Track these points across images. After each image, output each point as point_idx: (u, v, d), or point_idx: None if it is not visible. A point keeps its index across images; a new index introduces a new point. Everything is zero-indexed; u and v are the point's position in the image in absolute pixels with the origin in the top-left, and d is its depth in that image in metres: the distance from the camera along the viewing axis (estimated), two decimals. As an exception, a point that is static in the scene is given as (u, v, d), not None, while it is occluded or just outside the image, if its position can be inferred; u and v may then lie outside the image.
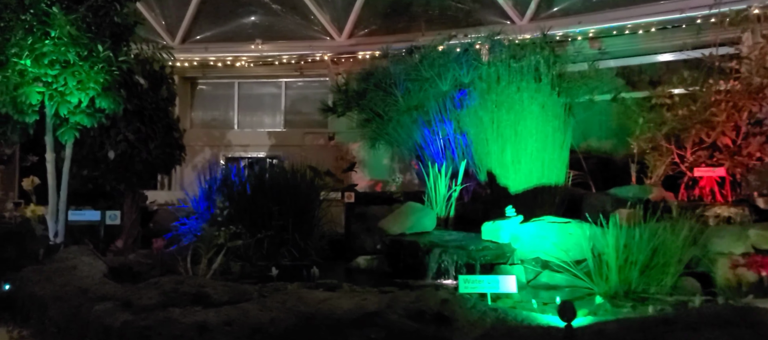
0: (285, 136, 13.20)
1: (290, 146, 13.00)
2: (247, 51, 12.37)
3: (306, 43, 12.39)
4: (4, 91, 6.10)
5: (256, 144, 13.19)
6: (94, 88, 6.40)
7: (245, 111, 13.65)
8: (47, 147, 6.89)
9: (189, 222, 6.60)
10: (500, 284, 3.50)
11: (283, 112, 13.49)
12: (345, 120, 12.84)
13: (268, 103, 13.67)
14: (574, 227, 4.73)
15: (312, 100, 13.59)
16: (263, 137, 13.22)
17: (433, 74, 7.72)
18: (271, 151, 13.23)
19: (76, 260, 4.70)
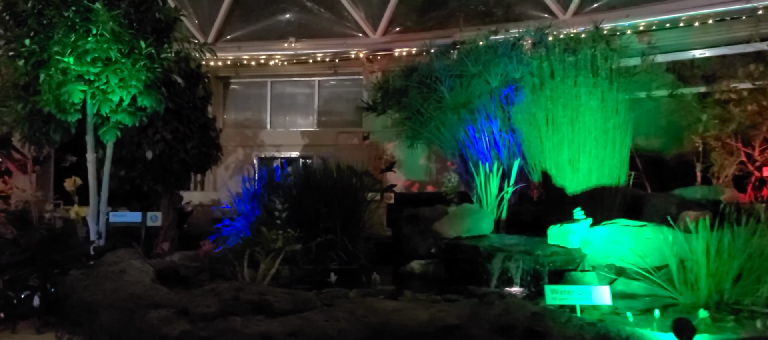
0: (318, 135, 12.99)
1: (323, 146, 12.79)
2: (280, 49, 12.19)
3: (340, 41, 12.16)
4: (46, 89, 5.96)
5: (289, 144, 13.01)
6: (136, 85, 6.23)
7: (278, 110, 13.48)
8: (88, 147, 6.76)
9: (233, 223, 6.39)
10: (593, 295, 3.17)
11: (316, 112, 13.28)
12: (380, 119, 12.60)
13: (301, 103, 13.49)
14: (651, 231, 4.37)
15: (345, 99, 13.37)
16: (296, 137, 13.03)
17: (480, 70, 7.40)
18: (304, 151, 13.04)
19: (124, 263, 4.50)
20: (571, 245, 4.72)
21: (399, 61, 12.04)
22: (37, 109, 6.16)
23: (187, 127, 8.81)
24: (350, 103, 13.18)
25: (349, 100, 13.23)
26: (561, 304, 3.13)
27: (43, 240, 4.83)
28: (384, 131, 12.34)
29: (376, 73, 12.49)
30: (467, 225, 5.29)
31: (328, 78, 13.17)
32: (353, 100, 13.14)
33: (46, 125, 6.29)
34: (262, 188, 6.14)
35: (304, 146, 12.98)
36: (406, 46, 11.46)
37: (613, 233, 4.46)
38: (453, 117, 7.94)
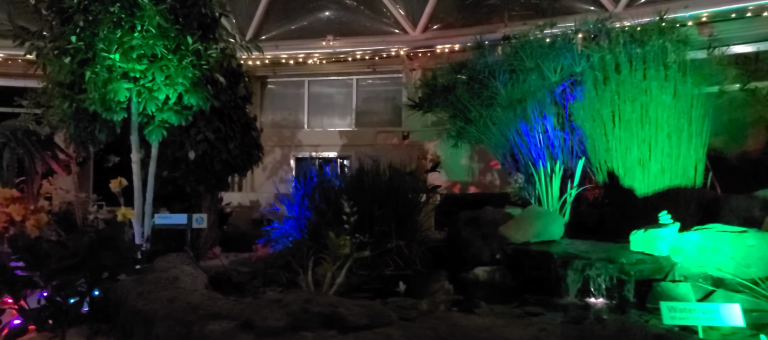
0: (356, 135, 12.71)
1: (362, 146, 12.51)
2: (319, 48, 11.96)
3: (379, 39, 11.86)
4: (92, 88, 5.80)
5: (327, 144, 12.77)
6: (183, 83, 6.03)
7: (315, 110, 13.26)
8: (133, 147, 6.60)
9: (281, 226, 6.13)
10: (721, 314, 2.76)
11: (354, 111, 13.00)
12: (420, 118, 12.25)
13: (338, 102, 13.24)
14: (754, 237, 3.91)
15: (384, 98, 13.07)
16: (334, 137, 12.79)
17: (537, 64, 6.99)
18: (343, 152, 12.78)
19: (176, 269, 4.26)
20: (658, 252, 4.29)
21: (440, 58, 11.69)
22: (82, 108, 6.02)
23: (229, 126, 8.62)
24: (389, 102, 12.88)
25: (387, 98, 12.92)
26: (681, 324, 2.74)
27: (92, 243, 4.62)
28: (424, 130, 12.00)
29: (417, 71, 12.17)
30: (536, 229, 4.90)
31: (366, 76, 12.88)
32: (392, 98, 12.84)
33: (91, 125, 6.14)
34: (312, 189, 5.85)
35: (342, 146, 12.72)
36: (449, 43, 11.09)
37: (709, 239, 4.02)
38: (506, 114, 7.54)
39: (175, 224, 6.59)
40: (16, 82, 12.06)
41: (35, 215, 4.71)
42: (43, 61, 6.05)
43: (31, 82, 12.42)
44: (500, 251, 4.96)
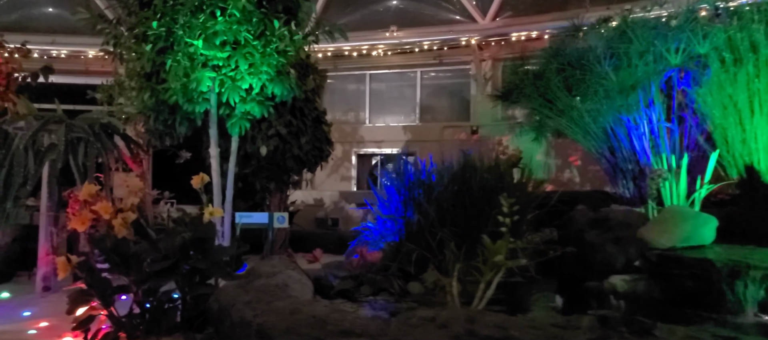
0: (421, 130, 12.13)
1: (427, 141, 11.93)
2: (383, 39, 11.43)
3: (447, 28, 11.24)
4: (173, 77, 5.42)
5: (390, 140, 12.24)
6: (267, 72, 5.59)
7: (377, 105, 12.74)
8: (211, 141, 6.22)
9: (375, 227, 5.60)
10: None
11: (419, 105, 12.42)
12: (490, 111, 11.58)
13: (401, 96, 12.68)
14: None
15: (450, 90, 12.45)
16: (397, 132, 12.24)
17: (650, 46, 6.24)
18: (407, 147, 12.22)
19: (282, 275, 3.78)
20: None
21: (513, 47, 11.00)
22: (161, 100, 5.66)
23: (300, 120, 8.20)
24: (456, 95, 12.25)
25: (454, 91, 12.30)
26: None
27: (184, 245, 4.18)
28: (495, 125, 11.34)
29: (487, 62, 11.51)
30: (685, 232, 4.21)
31: (430, 68, 12.28)
32: (459, 91, 12.21)
33: (171, 117, 5.78)
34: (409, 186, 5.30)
35: (406, 142, 12.17)
36: (525, 30, 10.38)
37: None
38: (613, 102, 6.82)
39: (257, 223, 6.19)
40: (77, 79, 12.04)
41: (122, 214, 4.31)
42: (122, 51, 5.73)
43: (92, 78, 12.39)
44: (640, 258, 4.30)
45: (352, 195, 11.69)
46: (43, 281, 5.92)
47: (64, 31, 12.17)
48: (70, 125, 5.66)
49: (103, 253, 4.44)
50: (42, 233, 5.98)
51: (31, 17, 12.67)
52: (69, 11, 12.35)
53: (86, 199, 4.94)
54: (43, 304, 5.54)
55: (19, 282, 6.88)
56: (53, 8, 12.32)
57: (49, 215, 5.95)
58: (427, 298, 4.09)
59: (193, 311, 4.17)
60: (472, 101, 11.73)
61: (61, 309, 5.58)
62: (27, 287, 6.42)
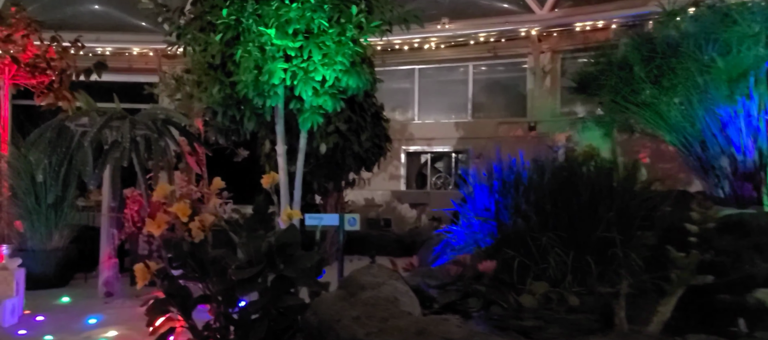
0: (474, 127, 11.61)
1: (481, 138, 11.39)
2: (434, 32, 10.95)
3: (502, 19, 10.69)
4: (245, 70, 5.05)
5: (441, 137, 11.75)
6: (342, 62, 5.18)
7: (426, 100, 12.26)
8: (278, 137, 5.85)
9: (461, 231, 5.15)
10: None
11: (471, 100, 11.91)
12: (548, 106, 11.02)
13: (452, 91, 12.18)
14: None
15: (504, 84, 11.91)
16: (448, 129, 11.74)
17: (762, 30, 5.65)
18: (459, 145, 11.73)
19: (388, 286, 3.34)
20: None
21: (574, 38, 10.42)
22: (228, 94, 5.30)
23: (360, 116, 7.80)
24: (511, 89, 11.71)
25: (509, 86, 11.75)
26: None
27: (270, 251, 3.80)
28: (554, 120, 10.76)
29: (545, 54, 10.93)
30: None
31: (483, 62, 11.75)
32: (514, 85, 11.66)
33: (239, 112, 5.41)
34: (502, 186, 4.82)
35: (458, 139, 11.67)
36: (590, 19, 9.77)
37: None
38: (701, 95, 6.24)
39: (327, 225, 5.79)
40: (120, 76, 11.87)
41: (200, 216, 3.95)
42: (187, 42, 5.38)
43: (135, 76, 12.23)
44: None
45: (405, 195, 11.25)
46: (105, 286, 5.63)
47: (108, 29, 12.03)
48: (133, 121, 5.35)
49: (180, 259, 4.07)
50: (103, 235, 5.69)
51: (75, 14, 12.55)
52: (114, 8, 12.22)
53: (160, 199, 4.58)
54: (108, 311, 5.25)
55: (76, 286, 6.63)
56: (98, 5, 12.18)
57: (111, 217, 5.65)
58: (546, 313, 3.61)
59: (279, 324, 3.79)
60: (529, 96, 11.17)
61: (127, 316, 5.28)
62: (86, 292, 6.16)
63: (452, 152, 12.07)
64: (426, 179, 12.23)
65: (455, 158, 12.20)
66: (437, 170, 12.35)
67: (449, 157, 12.27)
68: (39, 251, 6.34)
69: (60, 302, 5.75)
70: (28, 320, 4.94)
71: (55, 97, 7.38)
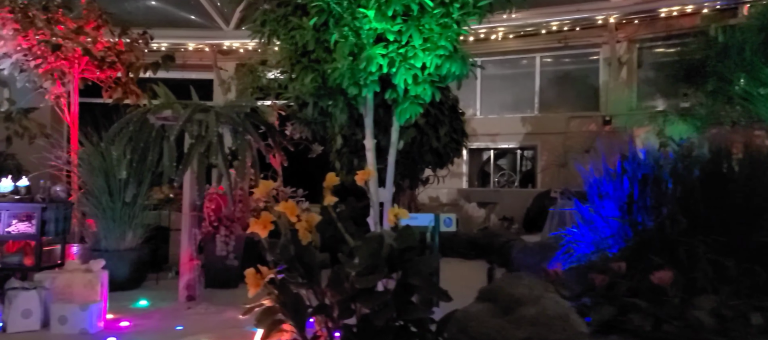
0: (541, 121, 11.00)
1: (549, 134, 10.81)
2: (502, 21, 10.36)
3: (575, 7, 10.04)
4: (341, 56, 4.62)
5: (506, 133, 11.18)
6: (445, 47, 4.71)
7: (489, 95, 11.70)
8: (366, 131, 5.40)
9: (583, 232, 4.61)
10: None
11: (538, 94, 11.29)
12: (625, 100, 10.34)
13: (517, 84, 11.59)
14: None
15: (575, 77, 11.26)
16: (514, 124, 11.15)
17: None
18: (525, 141, 11.14)
19: (547, 300, 2.86)
20: None
21: (655, 26, 9.72)
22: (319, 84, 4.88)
23: (438, 109, 7.32)
24: (582, 81, 11.05)
25: (580, 78, 11.10)
26: None
27: (392, 255, 3.36)
28: (631, 114, 10.08)
29: (622, 43, 10.25)
30: None
31: (552, 53, 11.12)
32: (586, 77, 11.00)
33: (332, 103, 5.00)
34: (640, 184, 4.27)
35: (524, 135, 11.08)
36: (678, 4, 9.05)
37: None
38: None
39: (421, 226, 5.33)
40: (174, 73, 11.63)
41: (307, 216, 3.54)
42: (271, 30, 4.99)
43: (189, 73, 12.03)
44: None
45: (473, 193, 10.73)
46: (186, 289, 5.30)
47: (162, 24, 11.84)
48: (218, 114, 5.00)
49: (286, 262, 3.67)
50: (184, 235, 5.36)
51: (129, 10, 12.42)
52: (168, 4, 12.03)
53: (262, 198, 4.17)
54: (192, 317, 4.91)
55: (149, 287, 6.36)
56: (154, 1, 12.00)
57: (193, 216, 5.32)
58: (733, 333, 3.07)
59: (402, 338, 3.34)
60: (603, 88, 10.51)
61: (215, 323, 4.93)
62: (162, 294, 5.86)
63: (517, 149, 11.49)
64: (488, 177, 11.69)
65: (520, 155, 11.62)
66: (500, 167, 11.80)
67: (513, 153, 11.69)
68: (112, 252, 6.08)
69: (138, 305, 5.46)
70: (114, 326, 4.64)
71: (123, 91, 7.13)
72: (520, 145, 11.29)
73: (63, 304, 4.43)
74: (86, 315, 4.41)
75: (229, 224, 6.23)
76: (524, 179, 11.49)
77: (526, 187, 11.34)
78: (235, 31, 11.69)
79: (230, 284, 6.38)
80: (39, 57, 6.49)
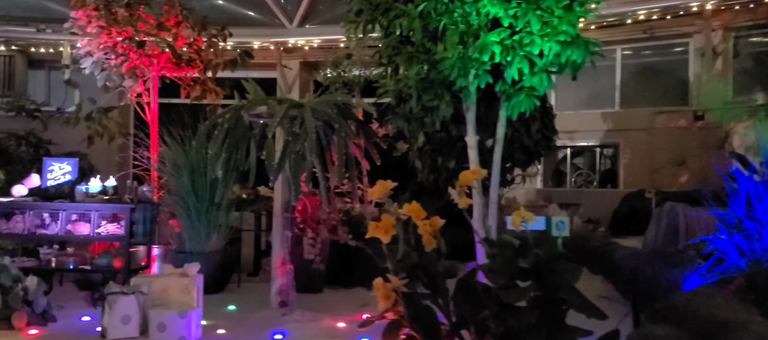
0: (623, 117, 10.31)
1: (632, 130, 10.12)
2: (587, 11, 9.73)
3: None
4: (451, 45, 4.24)
5: (583, 130, 10.53)
6: (566, 32, 4.26)
7: (565, 90, 11.05)
8: (468, 126, 5.02)
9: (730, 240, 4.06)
10: None
11: (619, 88, 10.61)
12: (719, 92, 9.55)
13: (595, 78, 10.91)
14: None
15: (660, 69, 10.52)
16: (593, 121, 10.49)
17: None
18: (605, 138, 10.48)
19: (761, 324, 2.39)
20: None
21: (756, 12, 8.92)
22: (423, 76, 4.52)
23: (530, 104, 6.83)
24: (670, 74, 10.31)
25: (667, 70, 10.36)
26: None
27: (537, 264, 2.92)
28: (725, 108, 9.29)
29: (717, 32, 9.48)
30: None
31: (635, 44, 10.41)
32: (674, 70, 10.26)
33: (437, 97, 4.62)
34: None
35: (605, 132, 10.42)
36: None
37: None
38: None
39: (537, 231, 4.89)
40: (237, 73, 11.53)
41: (431, 219, 3.15)
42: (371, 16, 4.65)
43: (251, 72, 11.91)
44: None
45: (553, 193, 10.17)
46: (279, 294, 5.03)
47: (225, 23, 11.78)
48: (313, 110, 4.70)
49: (409, 272, 3.29)
50: (276, 237, 5.10)
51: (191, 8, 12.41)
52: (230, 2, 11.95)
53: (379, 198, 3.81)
54: (290, 325, 4.62)
55: (232, 291, 6.15)
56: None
57: (285, 217, 5.05)
58: None
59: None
60: (694, 81, 9.76)
61: (314, 332, 4.63)
62: (249, 299, 5.62)
63: (597, 147, 10.84)
64: (564, 177, 11.08)
65: (599, 153, 10.97)
66: (576, 166, 11.17)
67: (591, 152, 11.04)
68: (197, 254, 5.88)
69: (228, 310, 5.23)
70: (211, 334, 4.40)
71: (203, 89, 6.98)
72: (599, 143, 10.64)
73: (161, 310, 4.22)
74: (185, 322, 4.18)
75: (315, 226, 5.94)
76: (603, 179, 10.82)
77: (605, 187, 10.68)
78: (299, 29, 11.51)
79: (315, 288, 6.11)
80: (121, 55, 6.38)
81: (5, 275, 4.50)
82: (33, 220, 5.40)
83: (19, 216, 5.40)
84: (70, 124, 7.19)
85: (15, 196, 5.48)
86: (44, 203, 5.40)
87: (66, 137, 8.92)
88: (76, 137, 8.02)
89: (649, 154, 9.82)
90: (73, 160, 5.75)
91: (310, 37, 11.37)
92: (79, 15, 6.18)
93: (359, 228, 6.53)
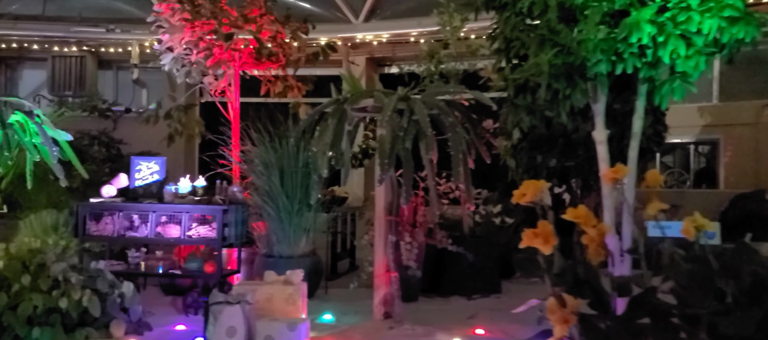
0: (724, 112, 9.42)
1: (735, 126, 9.22)
2: None
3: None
4: (592, 26, 3.69)
5: (678, 125, 9.63)
6: (734, 6, 3.64)
7: (654, 82, 10.27)
8: (596, 120, 4.45)
9: None
10: None
11: (717, 80, 9.71)
12: None
13: (687, 69, 10.07)
14: None
15: (765, 58, 9.58)
16: (688, 115, 9.59)
17: None
18: (702, 134, 9.62)
19: None
20: None
21: None
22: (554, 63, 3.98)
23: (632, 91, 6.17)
24: (779, 62, 9.36)
25: (775, 58, 9.41)
26: None
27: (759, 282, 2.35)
28: None
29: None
30: None
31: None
32: (783, 58, 9.30)
33: (569, 85, 4.08)
34: None
35: (702, 128, 9.56)
36: None
37: None
38: None
39: (674, 237, 4.28)
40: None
41: (599, 226, 2.63)
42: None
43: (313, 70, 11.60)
44: None
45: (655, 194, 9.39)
46: (383, 305, 4.60)
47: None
48: (425, 102, 4.24)
49: (572, 288, 2.76)
50: (379, 242, 4.68)
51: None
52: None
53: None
54: (399, 339, 4.19)
55: (320, 297, 5.79)
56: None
57: (388, 221, 4.62)
58: None
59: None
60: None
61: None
62: (345, 307, 5.23)
63: (692, 143, 9.97)
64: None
65: (694, 150, 10.10)
66: (666, 164, 10.33)
67: (684, 149, 10.18)
68: (286, 258, 5.55)
69: (324, 320, 4.85)
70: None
71: (284, 84, 6.65)
72: (696, 140, 9.78)
73: (269, 322, 3.86)
74: (295, 335, 3.80)
75: (412, 230, 5.50)
76: (698, 178, 9.95)
77: (700, 187, 9.81)
78: (366, 24, 11.10)
79: (411, 297, 5.67)
80: (204, 49, 6.09)
81: (101, 280, 4.23)
82: (122, 222, 5.17)
83: (109, 218, 5.18)
84: (150, 123, 7.00)
85: (104, 196, 5.27)
86: (135, 205, 5.16)
87: (136, 136, 8.82)
88: (146, 136, 7.86)
89: (755, 151, 8.93)
90: (160, 159, 5.50)
91: (378, 31, 10.94)
92: (163, 8, 5.93)
93: (455, 232, 6.05)
